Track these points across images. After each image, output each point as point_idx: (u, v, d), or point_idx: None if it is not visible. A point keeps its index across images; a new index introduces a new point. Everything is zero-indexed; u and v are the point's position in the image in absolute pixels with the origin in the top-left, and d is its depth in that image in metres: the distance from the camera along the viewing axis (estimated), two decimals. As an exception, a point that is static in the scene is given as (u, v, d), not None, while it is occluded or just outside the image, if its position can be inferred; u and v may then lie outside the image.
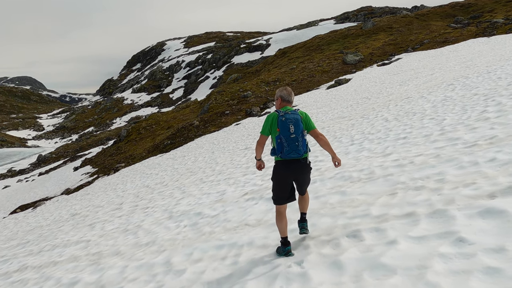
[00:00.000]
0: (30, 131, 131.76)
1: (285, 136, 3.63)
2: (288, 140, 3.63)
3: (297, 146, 3.63)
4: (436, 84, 15.87)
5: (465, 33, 35.54)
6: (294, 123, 3.66)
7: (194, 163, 17.72)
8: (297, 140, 3.63)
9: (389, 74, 26.79)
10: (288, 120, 3.65)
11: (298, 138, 3.64)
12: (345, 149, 8.44)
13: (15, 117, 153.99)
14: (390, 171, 5.23)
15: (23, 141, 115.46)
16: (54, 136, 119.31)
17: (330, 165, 7.03)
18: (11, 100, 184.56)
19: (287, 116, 3.67)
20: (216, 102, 29.98)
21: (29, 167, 65.91)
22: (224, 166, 13.23)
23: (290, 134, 3.62)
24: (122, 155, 29.00)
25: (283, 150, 3.65)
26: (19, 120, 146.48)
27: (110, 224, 8.50)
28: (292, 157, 3.65)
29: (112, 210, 11.21)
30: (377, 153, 6.81)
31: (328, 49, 44.72)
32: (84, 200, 19.04)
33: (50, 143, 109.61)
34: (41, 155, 70.13)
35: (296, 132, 3.63)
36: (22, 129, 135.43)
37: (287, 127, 3.64)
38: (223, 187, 8.77)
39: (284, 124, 3.65)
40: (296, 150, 3.63)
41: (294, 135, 3.62)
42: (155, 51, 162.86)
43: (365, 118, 12.98)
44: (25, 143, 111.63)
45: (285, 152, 3.65)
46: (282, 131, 3.64)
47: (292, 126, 3.64)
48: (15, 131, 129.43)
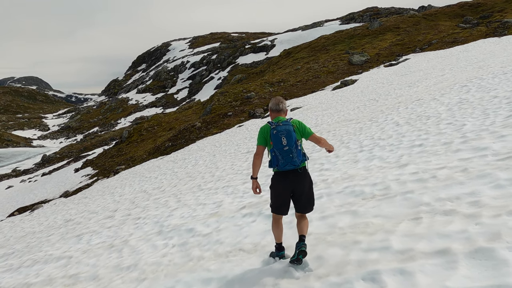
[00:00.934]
0: (35, 131, 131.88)
1: (278, 149, 3.53)
2: (282, 153, 3.53)
3: (291, 158, 3.52)
4: (448, 86, 15.07)
5: (475, 33, 34.60)
6: (286, 135, 3.54)
7: (194, 167, 17.05)
8: (291, 152, 3.53)
9: (397, 75, 25.97)
10: (279, 133, 3.54)
11: (292, 149, 3.53)
12: (353, 157, 7.69)
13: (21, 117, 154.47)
14: (409, 187, 4.48)
15: (28, 141, 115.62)
16: (59, 136, 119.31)
17: (338, 175, 6.31)
18: (17, 100, 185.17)
19: (278, 129, 3.56)
20: (219, 103, 29.30)
21: (34, 167, 65.80)
22: (224, 171, 12.54)
23: (283, 146, 3.51)
24: (123, 157, 28.41)
25: (279, 163, 3.56)
26: (25, 120, 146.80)
27: (97, 237, 7.82)
28: (288, 168, 3.56)
29: (104, 218, 10.56)
30: (390, 162, 6.06)
31: (334, 50, 43.91)
32: (81, 204, 18.43)
33: (55, 143, 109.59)
34: (46, 155, 69.99)
35: (289, 144, 3.52)
36: (28, 129, 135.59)
37: (279, 139, 3.53)
38: (220, 196, 8.07)
39: (276, 137, 3.54)
40: (291, 162, 3.53)
41: (287, 147, 3.52)
42: (160, 51, 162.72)
43: (374, 121, 12.23)
44: (30, 143, 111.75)
45: (281, 165, 3.55)
46: (275, 144, 3.55)
47: (285, 138, 3.53)
48: (21, 131, 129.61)
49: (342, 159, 7.88)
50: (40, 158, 70.06)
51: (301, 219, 3.79)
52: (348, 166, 6.91)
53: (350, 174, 6.08)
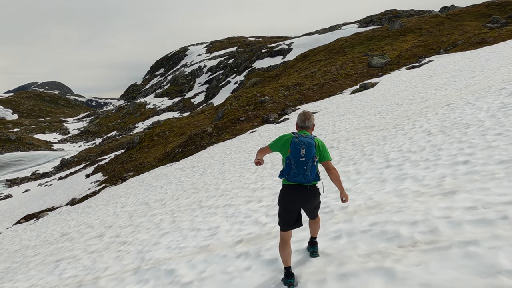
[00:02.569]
0: (56, 135, 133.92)
1: (294, 157, 3.50)
2: (297, 162, 3.49)
3: (305, 170, 3.47)
4: (483, 89, 13.46)
5: (504, 33, 32.50)
6: (306, 147, 3.51)
7: (201, 176, 15.88)
8: (306, 164, 3.48)
9: (420, 77, 24.27)
10: (300, 143, 3.53)
11: (307, 162, 3.48)
12: (378, 174, 6.32)
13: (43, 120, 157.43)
14: (470, 233, 3.10)
15: (49, 144, 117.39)
16: (78, 140, 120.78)
17: (361, 201, 4.95)
18: (40, 104, 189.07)
19: (301, 139, 3.56)
20: (232, 107, 28.11)
21: (52, 171, 66.28)
22: (230, 183, 11.30)
23: (300, 156, 3.49)
24: (133, 163, 27.52)
25: (290, 172, 3.52)
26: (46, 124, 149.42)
27: (73, 267, 6.67)
28: (298, 181, 3.49)
29: (94, 238, 9.44)
30: (430, 186, 4.68)
31: (352, 52, 42.26)
32: (83, 214, 17.51)
33: (74, 146, 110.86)
34: (64, 159, 70.45)
35: (307, 156, 3.49)
36: (49, 132, 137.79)
37: (299, 149, 3.50)
38: (218, 219, 6.81)
39: (296, 145, 3.53)
40: (303, 174, 3.48)
41: (304, 158, 3.48)
42: (177, 56, 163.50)
43: (399, 129, 10.78)
44: (50, 146, 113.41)
45: (292, 175, 3.51)
46: (293, 153, 3.51)
47: (304, 149, 3.49)
48: (42, 135, 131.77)
49: (364, 177, 6.51)
50: (59, 162, 70.56)
51: (312, 222, 3.86)
52: (373, 188, 5.54)
53: (377, 201, 4.72)
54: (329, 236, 4.06)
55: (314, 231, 3.88)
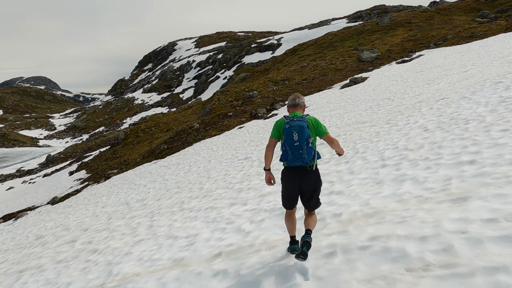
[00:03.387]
0: (42, 131, 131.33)
1: (289, 144, 3.50)
2: (292, 148, 3.48)
3: (301, 154, 3.47)
4: (477, 82, 13.02)
5: (494, 27, 32.31)
6: (298, 131, 3.48)
7: (186, 174, 15.21)
8: (301, 148, 3.46)
9: (411, 71, 23.85)
10: (292, 128, 3.49)
11: (302, 145, 3.46)
12: (374, 174, 5.75)
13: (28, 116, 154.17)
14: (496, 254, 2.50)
15: (34, 140, 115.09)
16: (65, 136, 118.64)
17: (357, 208, 4.37)
18: (26, 100, 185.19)
19: (292, 124, 3.51)
20: (219, 103, 27.36)
21: (38, 167, 64.75)
22: (215, 182, 10.67)
23: (294, 142, 3.47)
24: (117, 160, 26.64)
25: (288, 158, 3.54)
26: (32, 120, 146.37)
27: (34, 281, 6.01)
28: (297, 164, 3.51)
29: (66, 243, 8.74)
30: (434, 190, 4.11)
31: (342, 46, 41.77)
32: (62, 214, 16.72)
33: (61, 142, 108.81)
34: (50, 155, 68.84)
35: (300, 139, 3.46)
36: (34, 128, 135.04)
37: (291, 134, 3.48)
38: (198, 225, 6.18)
39: (288, 131, 3.50)
40: (300, 158, 3.48)
41: (298, 143, 3.47)
42: (166, 51, 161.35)
43: (393, 124, 10.24)
44: (36, 143, 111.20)
45: (290, 160, 3.53)
46: (286, 139, 3.51)
47: (296, 134, 3.47)
48: (28, 131, 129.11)
49: (358, 177, 5.93)
50: (45, 158, 68.98)
51: (308, 215, 3.72)
52: (369, 191, 4.96)
53: (375, 207, 4.13)
54: (322, 253, 3.46)
55: (308, 224, 3.66)
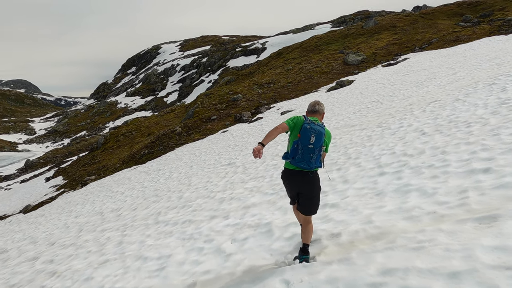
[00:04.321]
0: (21, 135, 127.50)
1: (303, 143, 3.45)
2: (304, 149, 3.44)
3: (310, 157, 3.44)
4: (469, 85, 12.61)
5: (478, 31, 32.44)
6: (317, 135, 3.45)
7: (166, 181, 14.36)
8: (313, 152, 3.45)
9: (398, 74, 23.54)
10: (312, 130, 3.46)
11: (315, 150, 3.45)
12: (372, 184, 5.09)
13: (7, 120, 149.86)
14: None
15: (13, 145, 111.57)
16: (45, 140, 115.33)
17: (358, 226, 3.68)
18: (4, 103, 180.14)
19: (313, 126, 3.48)
20: (203, 106, 26.51)
21: (16, 173, 62.50)
22: (195, 191, 9.89)
23: (309, 144, 3.43)
24: (95, 166, 25.50)
25: (295, 156, 3.47)
26: (11, 124, 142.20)
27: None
28: (301, 167, 3.46)
29: (26, 262, 7.82)
30: (450, 205, 3.45)
31: (327, 49, 41.48)
32: (33, 225, 15.64)
33: (41, 147, 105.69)
34: (29, 160, 66.56)
35: (315, 144, 3.45)
36: (13, 133, 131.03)
37: (309, 136, 3.44)
38: (172, 243, 5.41)
39: (306, 132, 3.45)
40: (308, 161, 3.44)
41: (312, 146, 3.44)
42: (150, 54, 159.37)
43: (385, 128, 9.67)
44: (15, 147, 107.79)
45: (296, 159, 3.46)
46: (302, 138, 3.45)
47: (314, 137, 3.44)
48: (6, 135, 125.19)
49: (354, 187, 5.26)
50: (24, 163, 66.68)
51: (305, 224, 3.61)
52: (368, 204, 4.27)
53: (381, 226, 3.44)
54: (319, 290, 2.73)
55: (305, 237, 3.57)
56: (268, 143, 3.97)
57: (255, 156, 3.29)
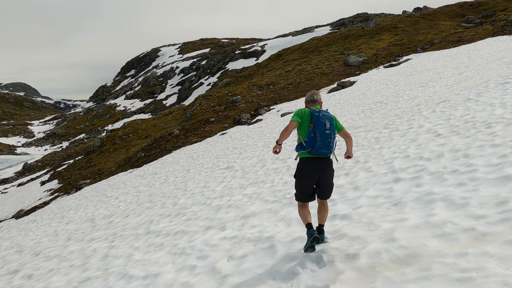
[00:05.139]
0: (19, 138, 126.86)
1: (320, 130, 3.58)
2: (322, 135, 3.57)
3: (329, 142, 3.61)
4: (478, 84, 12.05)
5: (481, 32, 31.92)
6: (330, 120, 3.64)
7: (162, 185, 13.76)
8: (330, 137, 3.61)
9: (401, 75, 22.99)
10: (324, 117, 3.62)
11: (331, 134, 3.63)
12: (387, 192, 4.49)
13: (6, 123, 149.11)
14: None
15: (12, 148, 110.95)
16: (44, 143, 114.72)
17: (377, 245, 3.10)
18: (3, 106, 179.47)
19: (322, 113, 3.64)
20: (201, 108, 25.94)
21: (13, 176, 61.96)
22: (191, 197, 9.29)
23: (326, 129, 3.59)
24: (91, 169, 24.90)
25: (315, 144, 3.58)
26: (9, 127, 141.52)
27: None
28: (322, 152, 3.60)
29: (7, 275, 7.21)
30: (491, 221, 2.87)
31: (327, 51, 40.95)
32: (23, 231, 15.03)
33: (39, 150, 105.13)
34: (27, 164, 65.92)
35: (331, 129, 3.63)
36: (12, 136, 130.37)
37: (323, 122, 3.59)
38: (162, 259, 4.81)
39: (320, 119, 3.60)
40: (328, 146, 3.61)
41: (328, 131, 3.60)
42: (149, 57, 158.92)
43: (393, 129, 9.08)
44: (13, 151, 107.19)
45: (317, 147, 3.58)
46: (318, 126, 3.59)
47: (328, 123, 3.61)
48: (5, 138, 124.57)
49: (367, 195, 4.66)
50: (21, 167, 66.07)
51: (323, 207, 3.81)
52: (386, 215, 3.68)
53: (409, 246, 2.85)
54: None
55: (322, 218, 3.81)
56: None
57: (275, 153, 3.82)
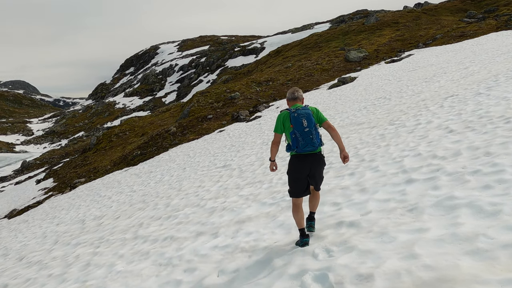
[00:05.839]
0: (18, 136, 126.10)
1: (299, 130, 3.62)
2: (302, 134, 3.62)
3: (311, 139, 3.61)
4: (487, 78, 11.52)
5: (484, 26, 31.34)
6: (307, 117, 3.64)
7: (156, 184, 13.23)
8: (310, 134, 3.61)
9: (403, 70, 22.43)
10: (300, 116, 3.64)
11: (311, 131, 3.62)
12: (398, 194, 3.97)
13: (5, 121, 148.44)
14: None
15: (10, 146, 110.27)
16: (43, 141, 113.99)
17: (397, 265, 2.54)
18: (2, 105, 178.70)
19: (299, 112, 3.66)
20: (199, 104, 25.36)
21: (12, 174, 61.35)
22: (185, 197, 8.76)
23: (304, 128, 3.61)
24: (86, 167, 24.35)
25: (299, 144, 3.64)
26: (8, 125, 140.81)
27: None
28: (308, 150, 3.64)
29: (-16, 282, 6.65)
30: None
31: (327, 47, 40.33)
32: (13, 232, 14.54)
33: (38, 148, 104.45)
34: (25, 162, 65.35)
35: (309, 125, 3.62)
36: (11, 133, 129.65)
37: (300, 121, 3.62)
38: (146, 271, 4.28)
39: (297, 119, 3.63)
40: (311, 143, 3.62)
41: (307, 128, 3.61)
42: (148, 54, 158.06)
43: (399, 125, 8.54)
44: (12, 148, 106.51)
45: (301, 146, 3.64)
46: (296, 126, 3.63)
47: (305, 120, 3.62)
48: (3, 136, 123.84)
49: (375, 198, 4.13)
50: (20, 165, 65.48)
51: (313, 195, 3.90)
52: (401, 224, 3.16)
53: (434, 266, 2.32)
54: None
55: (313, 206, 3.93)
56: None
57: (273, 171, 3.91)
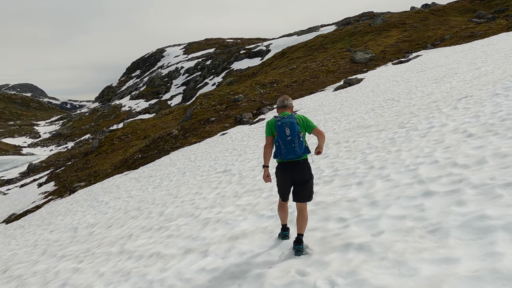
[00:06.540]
0: (26, 139, 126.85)
1: (281, 139, 3.68)
2: (285, 143, 3.66)
3: (293, 147, 3.65)
4: (502, 78, 10.91)
5: (495, 26, 30.55)
6: (290, 126, 3.67)
7: (154, 190, 12.72)
8: (293, 142, 3.65)
9: (412, 71, 21.76)
10: (283, 124, 3.68)
11: (294, 140, 3.65)
12: (416, 210, 3.41)
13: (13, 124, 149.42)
14: None
15: (17, 148, 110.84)
16: (50, 144, 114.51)
17: None
18: (11, 107, 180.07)
19: (283, 120, 3.71)
20: (201, 107, 24.85)
21: (18, 177, 61.40)
22: (180, 205, 8.22)
23: (287, 136, 3.66)
24: (87, 171, 23.94)
25: (281, 152, 3.70)
26: (16, 127, 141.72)
27: None
28: (290, 158, 3.67)
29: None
30: None
31: (333, 48, 39.70)
32: (7, 239, 14.13)
33: (45, 150, 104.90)
34: (32, 164, 65.36)
35: (292, 134, 3.65)
36: (18, 136, 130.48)
37: (283, 130, 3.67)
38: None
39: (280, 127, 3.69)
40: (293, 151, 3.65)
41: (290, 137, 3.65)
42: (154, 57, 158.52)
43: (410, 128, 7.93)
44: (19, 151, 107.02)
45: (283, 154, 3.69)
46: (279, 134, 3.70)
47: (288, 129, 3.66)
48: (11, 139, 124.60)
49: (388, 214, 3.54)
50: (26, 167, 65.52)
51: (300, 212, 3.77)
52: (422, 250, 2.59)
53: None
54: None
55: (301, 227, 3.75)
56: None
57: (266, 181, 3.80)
